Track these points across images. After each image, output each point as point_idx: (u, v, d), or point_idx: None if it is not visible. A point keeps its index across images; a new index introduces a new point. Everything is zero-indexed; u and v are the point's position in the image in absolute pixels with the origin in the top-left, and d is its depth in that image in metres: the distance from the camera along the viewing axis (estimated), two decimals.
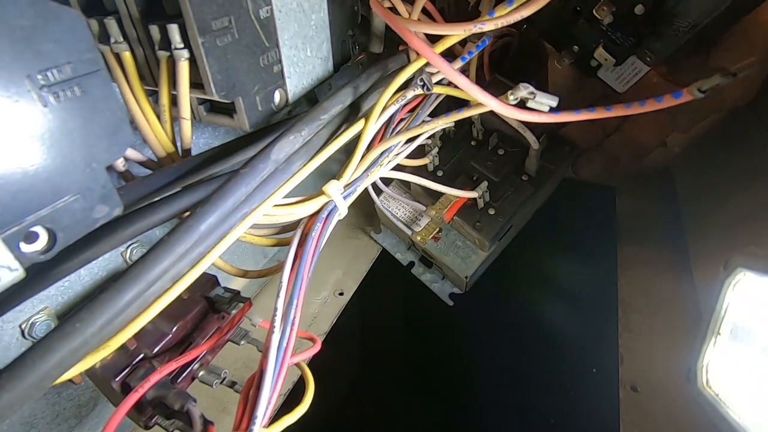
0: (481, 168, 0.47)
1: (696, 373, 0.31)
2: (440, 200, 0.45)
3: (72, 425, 0.37)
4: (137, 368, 0.29)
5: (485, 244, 0.45)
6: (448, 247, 0.49)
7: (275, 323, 0.24)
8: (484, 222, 0.45)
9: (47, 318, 0.29)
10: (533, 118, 0.29)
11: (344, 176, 0.31)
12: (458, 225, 0.46)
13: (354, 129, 0.32)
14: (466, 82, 0.29)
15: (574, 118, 0.29)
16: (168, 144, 0.29)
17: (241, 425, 0.22)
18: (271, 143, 0.26)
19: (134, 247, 0.34)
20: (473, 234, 0.45)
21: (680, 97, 0.25)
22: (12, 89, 0.16)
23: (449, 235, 0.49)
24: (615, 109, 0.27)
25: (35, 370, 0.17)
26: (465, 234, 0.47)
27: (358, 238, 0.62)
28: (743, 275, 0.29)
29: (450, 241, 0.49)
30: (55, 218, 0.18)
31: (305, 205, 0.29)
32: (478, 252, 0.48)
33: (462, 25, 0.30)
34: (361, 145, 0.32)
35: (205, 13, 0.24)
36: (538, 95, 0.29)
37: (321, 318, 0.52)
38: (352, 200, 0.32)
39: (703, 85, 0.24)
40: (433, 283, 0.54)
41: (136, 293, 0.19)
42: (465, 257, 0.48)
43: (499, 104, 0.29)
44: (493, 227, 0.44)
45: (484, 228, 0.44)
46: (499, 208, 0.45)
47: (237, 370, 0.46)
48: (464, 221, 0.45)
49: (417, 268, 0.56)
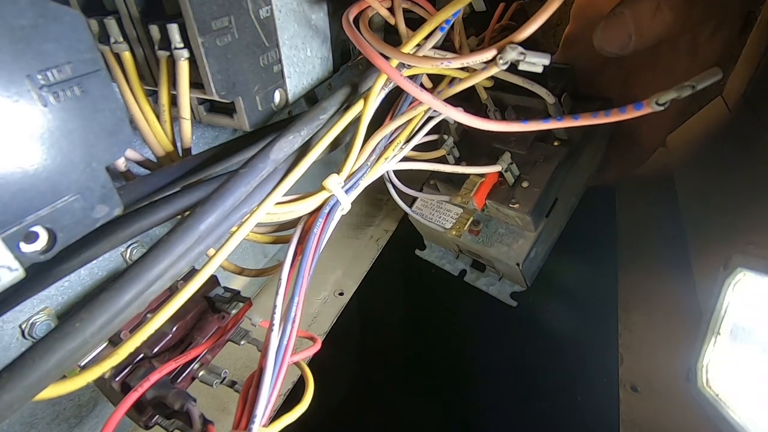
0: (505, 147, 0.42)
1: (696, 373, 0.31)
2: (464, 185, 0.41)
3: (72, 425, 0.37)
4: (137, 368, 0.29)
5: (527, 220, 0.40)
6: (491, 237, 0.44)
7: (274, 321, 0.24)
8: (519, 197, 0.40)
9: (47, 318, 0.30)
10: (509, 127, 0.30)
11: (344, 169, 0.30)
12: (494, 210, 0.42)
13: (353, 112, 0.31)
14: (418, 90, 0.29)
15: (540, 126, 0.29)
16: (167, 144, 0.29)
17: (240, 424, 0.22)
18: (270, 143, 0.26)
19: (134, 246, 0.34)
20: (511, 213, 0.40)
21: (641, 108, 0.25)
22: (12, 89, 0.16)
23: (490, 226, 0.44)
24: (582, 117, 0.28)
25: (35, 370, 0.17)
26: (504, 217, 0.42)
27: (358, 238, 0.62)
28: (743, 275, 0.29)
29: (491, 231, 0.44)
30: (55, 218, 0.18)
31: (306, 202, 0.29)
32: (526, 234, 0.42)
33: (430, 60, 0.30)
34: (360, 131, 0.30)
35: (205, 13, 0.24)
36: (529, 55, 0.27)
37: (321, 318, 0.52)
38: (356, 194, 0.31)
39: (661, 98, 0.25)
40: (490, 286, 0.49)
41: (135, 293, 0.19)
42: (511, 243, 0.42)
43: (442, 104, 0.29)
44: (529, 199, 0.39)
45: (520, 203, 0.39)
46: (532, 179, 0.40)
47: (237, 370, 0.46)
48: (498, 203, 0.40)
49: (469, 275, 0.51)
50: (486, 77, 0.30)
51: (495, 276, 0.49)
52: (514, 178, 0.40)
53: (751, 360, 0.30)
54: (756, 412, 0.28)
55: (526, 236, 0.42)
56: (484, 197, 0.40)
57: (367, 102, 0.31)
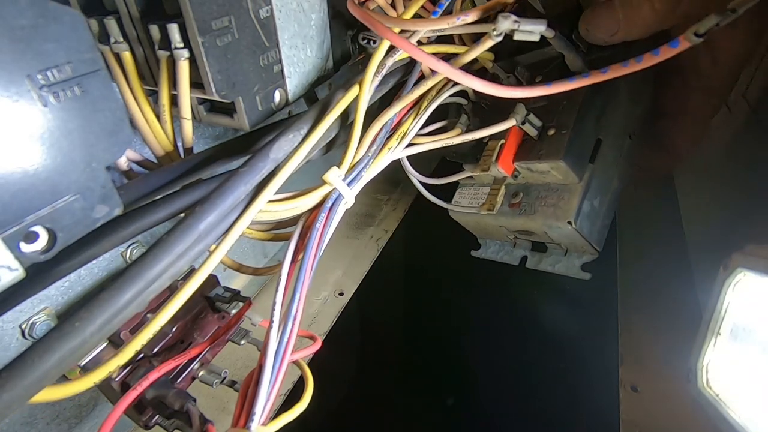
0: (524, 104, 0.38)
1: (696, 373, 0.31)
2: (483, 152, 0.37)
3: (72, 425, 0.37)
4: (137, 367, 0.29)
5: (564, 169, 0.34)
6: (533, 205, 0.38)
7: (274, 318, 0.24)
8: (547, 146, 0.35)
9: (47, 318, 0.30)
10: (531, 92, 0.27)
11: (345, 161, 0.29)
12: (526, 172, 0.37)
13: (348, 97, 0.30)
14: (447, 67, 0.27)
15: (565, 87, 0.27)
16: (167, 144, 0.29)
17: (239, 422, 0.22)
18: (270, 142, 0.26)
19: (134, 246, 0.34)
20: (544, 167, 0.35)
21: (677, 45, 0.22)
22: (12, 89, 0.16)
23: (530, 193, 0.39)
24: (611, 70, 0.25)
25: (35, 370, 0.17)
26: (540, 177, 0.37)
27: (358, 238, 0.62)
28: (743, 275, 0.29)
29: (533, 198, 0.38)
30: (55, 218, 0.18)
31: (305, 198, 0.28)
32: (571, 187, 0.36)
33: (445, 19, 0.28)
34: (358, 119, 0.29)
35: (205, 13, 0.24)
36: (523, 23, 0.26)
37: (321, 318, 0.52)
38: (360, 186, 0.30)
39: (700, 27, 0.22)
40: (556, 264, 0.43)
41: (135, 292, 0.19)
42: (557, 202, 0.37)
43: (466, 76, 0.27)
44: (559, 144, 0.34)
45: (550, 151, 0.34)
46: (558, 124, 0.35)
47: (237, 370, 0.46)
48: (527, 161, 0.36)
49: (531, 260, 0.45)
50: (485, 50, 0.29)
51: (559, 252, 0.43)
52: (536, 129, 0.36)
53: (751, 360, 0.30)
54: (756, 412, 0.28)
55: (572, 189, 0.36)
56: (510, 161, 0.36)
57: (363, 84, 0.29)
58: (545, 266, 0.43)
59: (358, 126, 0.30)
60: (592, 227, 0.37)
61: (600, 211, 0.38)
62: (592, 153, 0.36)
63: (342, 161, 0.29)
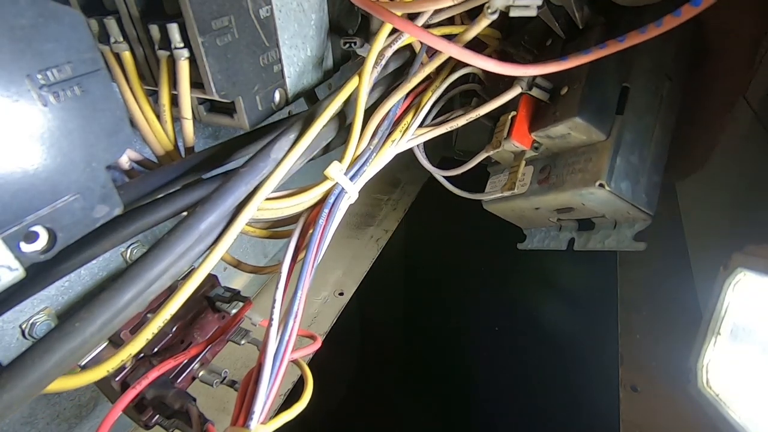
0: None
1: (696, 373, 0.31)
2: (495, 132, 0.35)
3: (72, 425, 0.37)
4: (137, 367, 0.29)
5: (583, 126, 0.31)
6: (562, 175, 0.34)
7: (274, 316, 0.24)
8: (561, 106, 0.32)
9: (47, 318, 0.30)
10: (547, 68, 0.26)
11: (346, 155, 0.29)
12: (546, 140, 0.34)
13: (348, 89, 0.29)
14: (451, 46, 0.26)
15: (581, 60, 0.26)
16: (168, 144, 0.29)
17: (238, 420, 0.22)
18: (271, 142, 0.26)
19: (134, 246, 0.34)
20: (561, 129, 0.32)
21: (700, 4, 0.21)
22: (12, 89, 0.16)
23: (557, 164, 0.35)
24: (628, 38, 0.24)
25: (35, 370, 0.17)
26: (563, 143, 0.34)
27: (358, 238, 0.62)
28: (743, 275, 0.29)
29: (560, 168, 0.35)
30: (55, 218, 0.18)
31: (307, 194, 0.28)
32: (598, 147, 0.32)
33: None
34: (359, 110, 0.29)
35: (205, 13, 0.24)
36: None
37: (321, 318, 0.52)
38: (364, 181, 0.29)
39: None
40: (606, 239, 0.38)
41: (136, 292, 0.19)
42: (584, 167, 0.33)
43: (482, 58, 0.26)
44: (573, 99, 0.31)
45: (564, 110, 0.32)
46: (570, 81, 0.33)
47: (237, 370, 0.46)
48: (544, 127, 0.33)
49: (579, 241, 0.40)
50: (482, 29, 0.28)
51: (608, 226, 0.38)
52: (547, 92, 0.33)
53: (751, 360, 0.30)
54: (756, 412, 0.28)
55: (601, 148, 0.32)
56: (526, 132, 0.33)
57: (362, 75, 0.29)
58: (594, 244, 0.38)
59: (359, 118, 0.29)
60: (635, 186, 0.33)
61: (641, 167, 0.33)
62: (618, 103, 0.32)
63: (343, 155, 0.29)
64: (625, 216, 0.35)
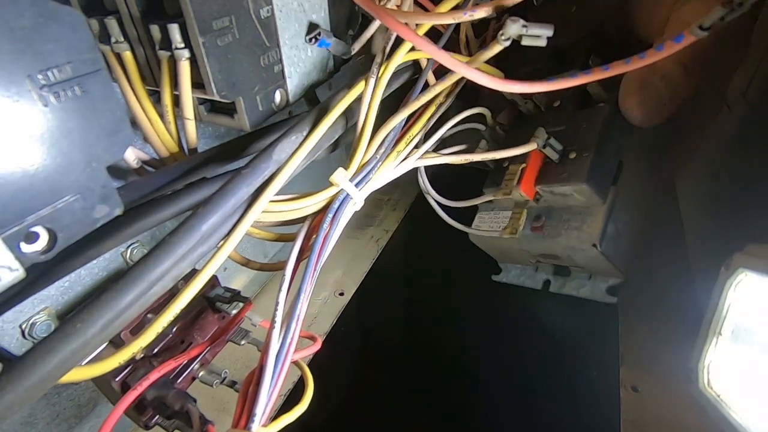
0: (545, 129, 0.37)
1: (697, 374, 0.31)
2: (505, 176, 0.37)
3: (72, 425, 0.37)
4: (137, 368, 0.29)
5: (587, 191, 0.35)
6: (557, 228, 0.38)
7: (276, 319, 0.24)
8: (570, 169, 0.35)
9: (47, 318, 0.29)
10: (534, 87, 0.27)
11: (353, 162, 0.29)
12: (548, 195, 0.37)
13: (352, 94, 0.30)
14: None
15: (568, 83, 0.27)
16: (172, 144, 0.29)
17: (239, 423, 0.22)
18: (273, 143, 0.26)
19: (134, 246, 0.34)
20: (566, 190, 0.35)
21: (681, 40, 0.22)
22: (12, 89, 0.16)
23: (553, 216, 0.39)
24: (612, 66, 0.25)
25: (36, 371, 0.17)
26: (563, 200, 0.37)
27: (358, 238, 0.62)
28: (744, 275, 0.29)
29: (556, 221, 0.38)
30: (56, 218, 0.18)
31: (312, 198, 0.28)
32: (594, 210, 0.36)
33: (452, 14, 0.28)
34: (369, 118, 0.29)
35: (206, 13, 0.24)
36: (531, 27, 0.26)
37: (321, 318, 0.52)
38: (370, 189, 0.30)
39: (705, 21, 0.21)
40: (581, 288, 0.43)
41: (137, 294, 0.19)
42: (581, 225, 0.37)
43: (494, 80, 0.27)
44: (581, 167, 0.35)
45: (572, 174, 0.35)
46: (579, 148, 0.36)
47: (237, 370, 0.45)
48: (549, 184, 0.36)
49: (554, 284, 0.45)
50: (491, 56, 0.29)
51: (584, 276, 0.43)
52: (557, 153, 0.36)
53: (752, 361, 0.30)
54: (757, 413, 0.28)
55: (596, 212, 0.36)
56: (532, 184, 0.36)
57: (377, 89, 0.29)
58: (569, 290, 0.43)
59: (369, 124, 0.30)
60: (619, 250, 0.37)
61: (625, 233, 0.38)
62: (616, 175, 0.36)
63: (350, 163, 0.30)
64: (602, 272, 0.40)
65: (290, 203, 0.28)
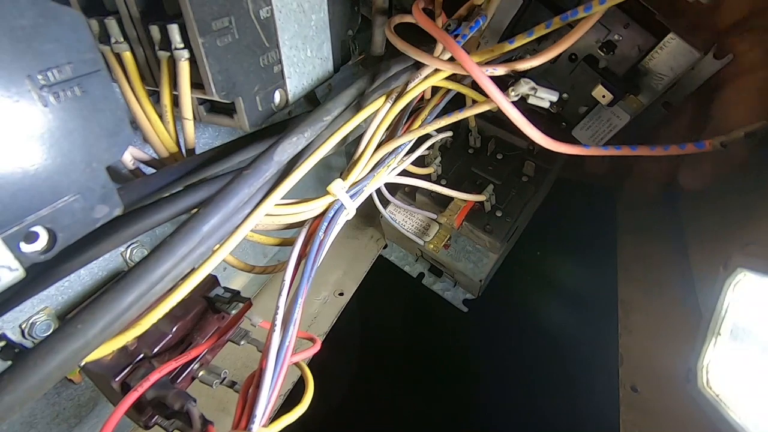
0: (483, 173, 0.49)
1: (696, 374, 0.31)
2: (449, 207, 0.46)
3: (72, 425, 0.37)
4: (137, 368, 0.28)
5: (496, 245, 0.46)
6: (459, 253, 0.50)
7: (276, 322, 0.24)
8: (494, 224, 0.46)
9: (47, 318, 0.29)
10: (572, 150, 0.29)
11: (351, 175, 0.31)
12: (468, 230, 0.47)
13: (371, 108, 0.31)
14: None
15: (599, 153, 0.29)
16: (171, 144, 0.29)
17: (240, 424, 0.22)
18: (273, 144, 0.26)
19: (134, 247, 0.34)
20: (484, 237, 0.46)
21: (703, 147, 0.26)
22: (12, 89, 0.16)
23: (459, 242, 0.50)
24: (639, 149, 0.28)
25: (37, 372, 0.17)
26: (475, 238, 0.48)
27: (358, 238, 0.62)
28: (743, 275, 0.29)
29: (460, 247, 0.50)
30: (56, 218, 0.18)
31: (311, 204, 0.29)
32: (489, 254, 0.48)
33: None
34: (375, 138, 0.31)
35: (206, 14, 0.24)
36: (539, 90, 0.29)
37: (321, 318, 0.52)
38: (361, 201, 0.32)
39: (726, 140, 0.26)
40: (445, 291, 0.55)
41: (138, 294, 0.19)
42: (477, 261, 0.49)
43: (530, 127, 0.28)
44: (502, 228, 0.46)
45: (495, 230, 0.46)
46: (505, 210, 0.46)
47: (237, 370, 0.45)
48: (474, 226, 0.46)
49: (427, 279, 0.57)
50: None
51: (450, 283, 0.56)
52: (491, 206, 0.46)
53: (751, 360, 0.30)
54: (756, 412, 0.28)
55: (490, 257, 0.48)
56: (462, 218, 0.46)
57: (398, 101, 0.31)
58: (437, 289, 0.56)
59: (374, 145, 0.32)
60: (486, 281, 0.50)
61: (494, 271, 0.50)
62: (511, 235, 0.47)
63: (348, 174, 0.31)
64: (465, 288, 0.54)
65: (290, 207, 0.28)
